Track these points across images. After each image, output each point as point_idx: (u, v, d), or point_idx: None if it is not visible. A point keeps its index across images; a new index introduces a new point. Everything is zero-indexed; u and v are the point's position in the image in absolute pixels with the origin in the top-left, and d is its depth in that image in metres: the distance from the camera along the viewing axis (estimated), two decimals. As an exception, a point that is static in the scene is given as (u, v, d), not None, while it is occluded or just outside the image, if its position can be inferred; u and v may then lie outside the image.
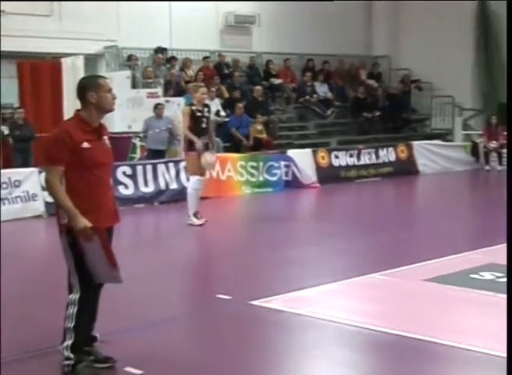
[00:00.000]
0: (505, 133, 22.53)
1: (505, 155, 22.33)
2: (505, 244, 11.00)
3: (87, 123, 5.82)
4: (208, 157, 12.94)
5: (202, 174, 13.26)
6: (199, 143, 12.82)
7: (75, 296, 5.80)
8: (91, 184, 5.81)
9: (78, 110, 5.96)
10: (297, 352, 6.69)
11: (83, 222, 5.60)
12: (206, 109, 13.34)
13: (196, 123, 12.96)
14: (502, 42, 24.54)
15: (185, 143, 13.49)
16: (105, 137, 6.03)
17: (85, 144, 5.70)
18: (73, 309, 5.79)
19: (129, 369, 6.02)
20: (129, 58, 20.17)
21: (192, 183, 13.20)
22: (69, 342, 5.81)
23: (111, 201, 6.10)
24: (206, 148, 13.07)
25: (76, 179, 5.75)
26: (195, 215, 13.06)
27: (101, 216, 5.82)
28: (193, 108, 13.06)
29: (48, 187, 5.84)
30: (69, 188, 5.74)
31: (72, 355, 5.78)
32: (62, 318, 5.91)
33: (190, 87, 14.62)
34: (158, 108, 17.94)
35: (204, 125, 13.06)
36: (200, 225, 12.93)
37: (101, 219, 5.80)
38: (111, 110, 5.99)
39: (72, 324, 5.80)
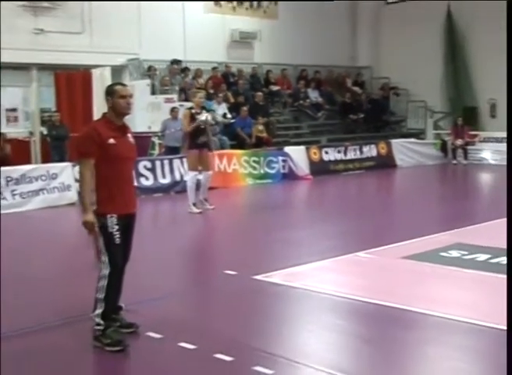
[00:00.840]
0: (469, 132, 22.58)
1: (469, 151, 22.35)
2: (469, 227, 11.07)
3: (111, 122, 5.89)
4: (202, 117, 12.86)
5: (208, 169, 13.21)
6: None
7: (105, 271, 5.82)
8: (114, 176, 5.83)
9: (105, 112, 6.03)
10: (293, 319, 6.71)
11: (90, 218, 5.72)
12: (204, 112, 13.22)
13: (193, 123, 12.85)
14: (466, 55, 24.52)
15: (186, 142, 13.40)
16: (129, 135, 6.06)
17: (111, 140, 5.77)
18: (104, 283, 5.82)
19: (150, 333, 6.05)
20: (149, 68, 20.13)
21: (190, 178, 13.13)
22: (99, 311, 5.85)
23: (131, 191, 6.10)
24: (204, 146, 12.99)
25: (103, 171, 5.77)
26: (194, 204, 13.03)
27: (119, 203, 5.85)
28: (193, 111, 12.94)
29: (80, 178, 5.94)
30: (96, 178, 5.78)
31: (102, 322, 5.83)
32: (91, 291, 5.93)
33: (190, 93, 14.52)
34: (173, 111, 17.92)
35: (202, 126, 12.98)
36: (199, 213, 12.87)
37: (119, 206, 5.85)
38: (123, 113, 5.99)
39: (103, 295, 5.83)
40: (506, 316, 4.67)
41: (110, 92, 5.97)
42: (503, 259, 8.59)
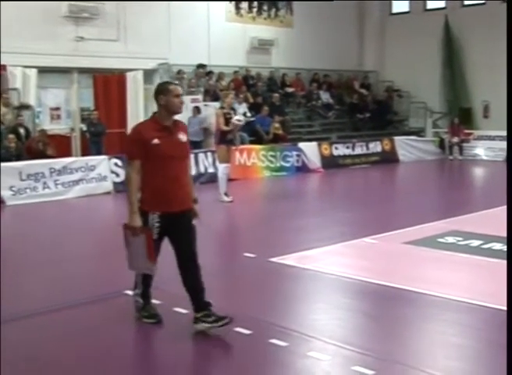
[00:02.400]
0: (465, 131, 22.47)
1: (464, 148, 22.25)
2: (464, 216, 11.04)
3: (158, 123, 5.47)
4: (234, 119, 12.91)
5: (228, 162, 13.22)
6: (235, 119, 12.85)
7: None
8: (158, 174, 5.41)
9: (155, 112, 5.67)
10: (305, 297, 6.73)
11: (136, 221, 5.42)
12: (232, 112, 13.29)
13: (225, 122, 12.88)
14: (462, 61, 24.37)
15: (215, 137, 13.39)
16: (180, 134, 5.58)
17: (155, 141, 5.36)
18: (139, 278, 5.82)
19: (177, 309, 6.09)
20: (179, 72, 20.16)
21: (221, 169, 13.11)
22: (138, 291, 5.84)
23: (178, 190, 5.52)
24: (231, 142, 13.02)
25: (147, 169, 5.41)
26: (225, 194, 13.06)
27: (162, 202, 5.45)
28: (225, 111, 12.97)
29: (126, 178, 5.61)
30: (142, 177, 5.44)
31: (141, 300, 5.83)
32: (122, 271, 5.97)
33: (222, 93, 14.57)
34: (195, 109, 18.06)
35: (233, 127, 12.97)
36: (230, 202, 12.92)
37: (161, 205, 5.45)
38: (177, 112, 5.61)
39: (140, 279, 5.79)
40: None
41: (163, 91, 5.56)
42: (494, 245, 8.59)
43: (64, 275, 7.58)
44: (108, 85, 18.59)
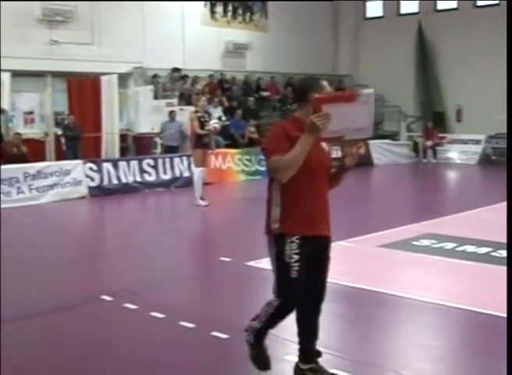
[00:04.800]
0: (438, 134, 22.67)
1: (438, 151, 22.44)
2: (438, 219, 11.13)
3: (302, 122, 4.26)
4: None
5: (204, 166, 13.19)
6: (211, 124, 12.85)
7: (275, 302, 4.46)
8: (305, 187, 4.35)
9: (292, 113, 4.71)
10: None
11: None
12: (207, 115, 13.29)
13: (200, 125, 12.86)
14: (435, 66, 24.57)
15: (191, 141, 13.36)
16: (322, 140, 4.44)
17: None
18: (270, 310, 4.51)
19: (153, 313, 6.06)
20: (153, 76, 20.11)
21: (197, 173, 13.06)
22: (254, 325, 4.66)
23: (326, 208, 4.60)
24: (206, 146, 12.99)
25: (291, 181, 4.27)
26: (201, 198, 13.03)
27: (305, 221, 4.37)
28: (199, 114, 12.94)
29: (274, 169, 4.26)
30: (281, 191, 4.37)
31: (252, 337, 4.66)
32: (97, 276, 5.92)
33: (195, 97, 14.53)
34: (171, 114, 18.01)
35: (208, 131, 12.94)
36: (205, 206, 12.87)
37: (304, 225, 4.36)
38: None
39: (264, 319, 4.57)
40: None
41: (316, 87, 4.34)
42: (468, 247, 8.68)
43: (38, 281, 7.51)
44: (83, 89, 18.49)
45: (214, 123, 12.97)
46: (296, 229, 4.31)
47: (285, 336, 5.48)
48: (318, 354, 4.64)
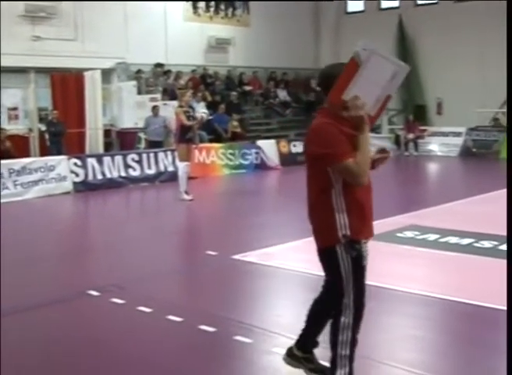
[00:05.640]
0: (419, 127, 22.75)
1: (419, 144, 22.52)
2: (421, 210, 11.17)
3: (344, 118, 3.93)
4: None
5: (188, 160, 13.14)
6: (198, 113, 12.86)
7: (349, 319, 4.06)
8: (362, 189, 4.04)
9: (323, 106, 4.23)
10: (267, 294, 6.75)
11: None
12: (191, 109, 13.27)
13: (186, 119, 12.80)
14: (416, 60, 24.55)
15: (175, 136, 13.32)
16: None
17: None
18: (348, 335, 4.02)
19: (140, 308, 6.04)
20: (137, 71, 20.04)
21: (181, 168, 13.03)
22: (342, 371, 3.97)
23: (372, 209, 4.15)
24: (190, 140, 12.95)
25: (351, 185, 3.96)
26: (186, 192, 12.99)
27: (368, 226, 4.20)
28: (184, 109, 12.93)
29: (355, 174, 3.88)
30: (344, 197, 3.99)
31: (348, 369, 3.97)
32: (83, 271, 5.89)
33: (180, 92, 14.47)
34: (154, 109, 17.94)
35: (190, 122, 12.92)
36: (190, 200, 12.85)
37: (368, 229, 4.20)
38: None
39: (347, 352, 3.99)
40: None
41: (341, 72, 4.00)
42: (451, 239, 8.72)
43: (23, 276, 7.46)
44: (66, 85, 18.39)
45: (202, 112, 12.95)
46: (365, 232, 4.14)
47: (272, 329, 5.49)
48: (316, 344, 4.49)
